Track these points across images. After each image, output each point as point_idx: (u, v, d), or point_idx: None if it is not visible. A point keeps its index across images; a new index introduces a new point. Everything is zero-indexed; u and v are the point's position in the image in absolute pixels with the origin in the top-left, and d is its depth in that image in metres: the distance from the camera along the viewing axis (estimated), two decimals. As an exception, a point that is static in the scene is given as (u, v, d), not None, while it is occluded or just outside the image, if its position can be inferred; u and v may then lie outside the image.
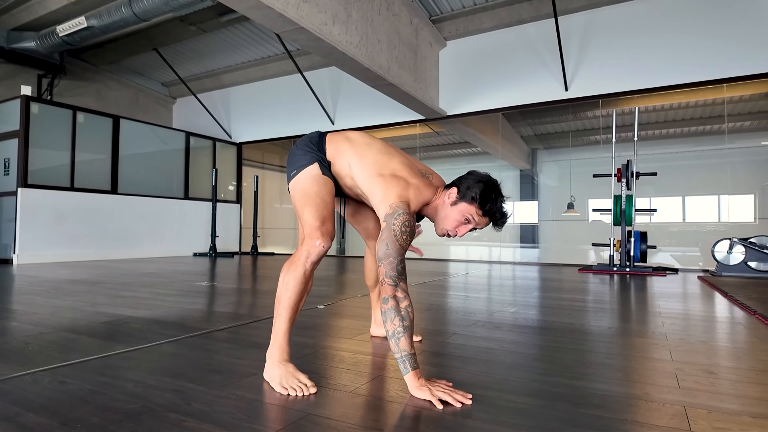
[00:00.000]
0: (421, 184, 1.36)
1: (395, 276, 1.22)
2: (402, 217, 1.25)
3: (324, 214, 1.34)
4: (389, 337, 1.19)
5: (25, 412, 1.05)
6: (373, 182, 1.33)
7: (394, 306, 1.19)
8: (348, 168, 1.38)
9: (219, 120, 8.95)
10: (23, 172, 5.55)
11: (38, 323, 2.05)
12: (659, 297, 3.12)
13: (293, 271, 1.29)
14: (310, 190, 1.35)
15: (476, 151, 9.37)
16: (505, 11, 6.10)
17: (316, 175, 1.37)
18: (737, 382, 1.31)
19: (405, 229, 1.24)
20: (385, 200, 1.29)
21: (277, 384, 1.21)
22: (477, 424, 1.01)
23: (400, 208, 1.26)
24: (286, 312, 1.29)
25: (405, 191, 1.31)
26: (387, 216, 1.26)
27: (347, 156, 1.39)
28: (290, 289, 1.28)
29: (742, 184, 6.73)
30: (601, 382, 1.30)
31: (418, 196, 1.34)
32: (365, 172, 1.35)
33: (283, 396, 1.17)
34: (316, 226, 1.31)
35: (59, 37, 6.23)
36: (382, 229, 1.26)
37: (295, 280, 1.28)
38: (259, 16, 3.76)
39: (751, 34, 5.00)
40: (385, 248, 1.23)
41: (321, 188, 1.36)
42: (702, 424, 1.01)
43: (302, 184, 1.37)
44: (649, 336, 1.90)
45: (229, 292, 3.22)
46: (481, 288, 3.57)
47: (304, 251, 1.30)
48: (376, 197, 1.31)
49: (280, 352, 1.28)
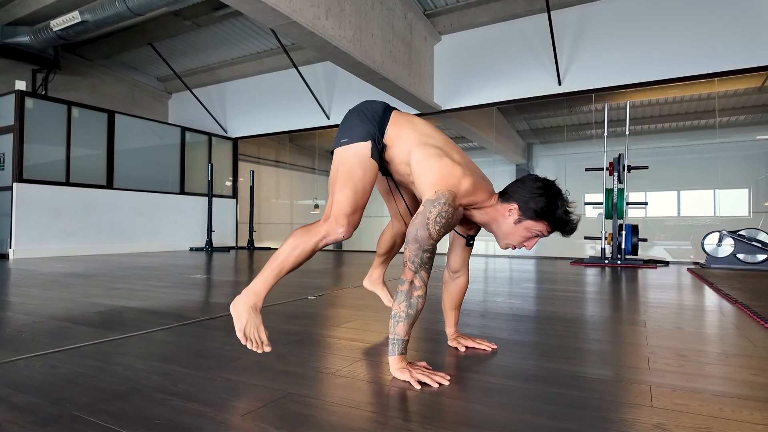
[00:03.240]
0: (477, 183, 1.29)
1: (418, 263, 1.19)
2: (441, 206, 1.19)
3: (359, 202, 1.29)
4: (391, 316, 1.20)
5: (17, 393, 1.09)
6: (430, 163, 1.26)
7: (407, 290, 1.19)
8: (406, 155, 1.31)
9: (214, 115, 8.96)
10: (18, 167, 5.57)
11: (32, 313, 2.09)
12: (646, 288, 3.17)
13: (305, 242, 1.27)
14: (355, 171, 1.28)
15: (472, 145, 9.39)
16: (500, 5, 6.12)
17: (365, 156, 1.29)
18: (705, 364, 1.36)
19: (440, 219, 1.19)
20: (434, 185, 1.22)
21: (240, 329, 1.26)
22: (451, 402, 1.05)
23: (443, 196, 1.21)
24: (279, 270, 1.29)
25: (457, 182, 1.24)
26: (428, 200, 1.21)
27: (408, 143, 1.31)
28: (293, 255, 1.28)
29: (736, 178, 6.77)
30: (576, 364, 1.35)
31: (469, 192, 1.26)
32: (424, 154, 1.28)
33: (244, 343, 1.28)
34: (347, 212, 1.27)
35: (53, 32, 6.23)
36: (418, 212, 1.22)
37: (302, 249, 1.27)
38: (251, 10, 3.78)
39: (742, 29, 5.04)
40: (415, 233, 1.20)
41: (366, 173, 1.29)
42: (664, 401, 1.05)
43: (349, 160, 1.30)
44: (629, 323, 1.95)
45: (224, 284, 3.26)
46: (473, 280, 3.62)
47: (324, 229, 1.27)
48: (427, 179, 1.25)
49: (255, 298, 1.31)
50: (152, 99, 9.26)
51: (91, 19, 5.83)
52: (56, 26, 6.12)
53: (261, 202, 9.30)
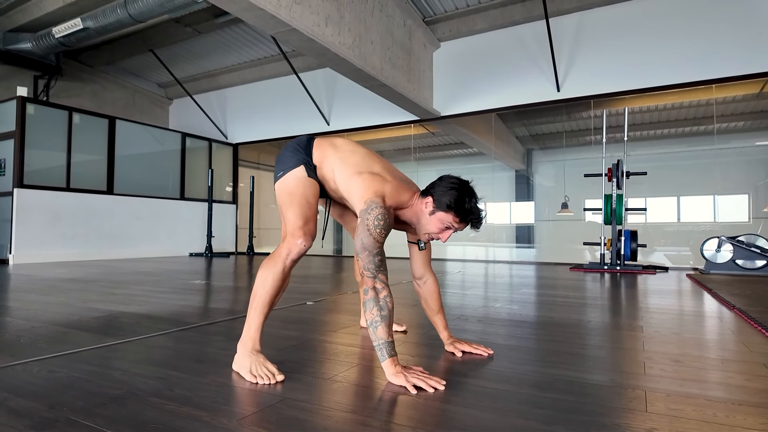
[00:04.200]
0: (398, 185, 1.40)
1: (373, 268, 1.26)
2: (375, 211, 1.29)
3: (307, 214, 1.38)
4: (368, 325, 1.24)
5: (14, 397, 1.09)
6: (352, 181, 1.37)
7: (373, 296, 1.24)
8: (332, 172, 1.42)
9: (215, 121, 8.99)
10: (19, 172, 5.59)
11: (31, 318, 2.09)
12: (645, 294, 3.17)
13: (272, 267, 1.32)
14: (295, 190, 1.39)
15: (471, 151, 9.42)
16: (498, 12, 6.16)
17: (302, 177, 1.41)
18: (701, 369, 1.36)
19: (378, 222, 1.28)
20: (362, 197, 1.33)
21: (247, 372, 1.25)
22: (446, 406, 1.06)
23: (373, 202, 1.30)
24: (261, 306, 1.32)
25: (381, 187, 1.35)
26: (362, 212, 1.31)
27: (331, 161, 1.43)
28: (268, 284, 1.31)
29: (736, 184, 6.79)
30: (571, 370, 1.35)
31: (394, 194, 1.37)
32: (345, 173, 1.39)
33: (253, 383, 1.21)
34: (299, 225, 1.35)
35: (55, 39, 6.27)
36: (358, 224, 1.31)
37: (274, 276, 1.31)
38: (252, 17, 3.81)
39: (740, 35, 5.07)
40: (361, 242, 1.28)
41: (306, 189, 1.40)
42: (658, 406, 1.06)
43: (288, 184, 1.41)
44: (627, 328, 1.96)
45: (223, 289, 3.26)
46: (472, 285, 3.62)
47: (285, 249, 1.33)
48: (355, 196, 1.35)
49: (252, 343, 1.32)
50: (153, 105, 9.30)
51: (93, 25, 5.87)
52: (58, 33, 6.16)
53: (261, 208, 9.32)
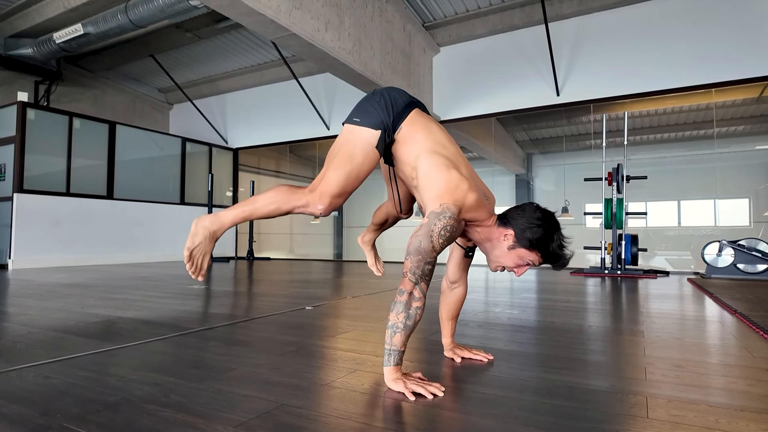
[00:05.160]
0: (480, 200, 1.28)
1: (419, 275, 1.18)
2: (447, 220, 1.18)
3: (348, 188, 1.28)
4: (388, 326, 1.19)
5: (7, 403, 1.08)
6: (437, 174, 1.24)
7: (406, 301, 1.18)
8: (414, 158, 1.30)
9: (215, 126, 9.01)
10: (19, 177, 5.59)
11: (28, 324, 2.08)
12: (646, 298, 3.16)
13: (284, 201, 1.28)
14: (356, 155, 1.27)
15: (471, 156, 9.42)
16: (498, 17, 6.18)
17: (371, 146, 1.27)
18: (703, 374, 1.35)
19: (445, 233, 1.18)
20: (439, 198, 1.21)
21: (189, 248, 1.28)
22: (445, 413, 1.04)
23: (449, 210, 1.19)
24: (250, 213, 1.30)
25: (463, 197, 1.22)
26: (433, 213, 1.19)
27: (419, 147, 1.29)
28: (268, 207, 1.28)
29: (736, 188, 6.78)
30: (572, 375, 1.34)
31: (474, 207, 1.26)
32: (432, 163, 1.26)
33: (186, 263, 1.28)
34: (333, 193, 1.26)
35: (56, 44, 6.29)
36: (422, 224, 1.20)
37: (278, 206, 1.28)
38: (252, 22, 3.82)
39: (738, 40, 5.08)
40: (418, 244, 1.17)
41: (365, 161, 1.28)
42: (659, 412, 1.04)
43: (354, 142, 1.28)
44: (628, 333, 1.94)
45: (222, 294, 3.25)
46: (472, 290, 3.60)
47: (305, 199, 1.27)
48: (432, 191, 1.23)
49: (218, 226, 1.32)
50: (153, 110, 9.32)
51: (94, 31, 5.90)
52: (59, 38, 6.19)
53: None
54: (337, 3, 4.53)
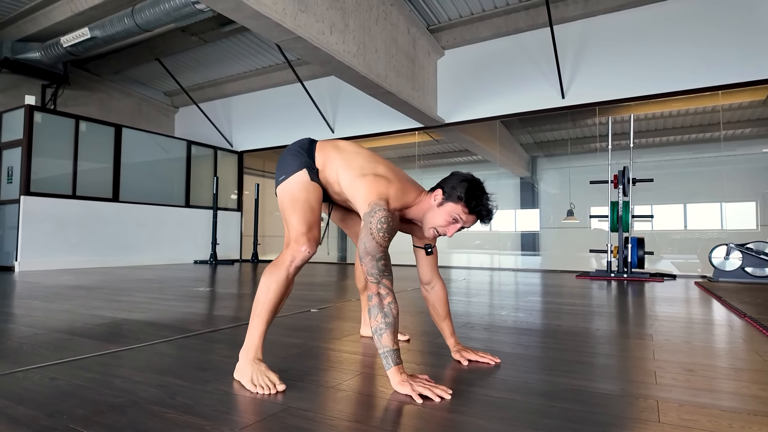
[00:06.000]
0: (403, 186, 1.38)
1: (377, 273, 1.24)
2: (379, 214, 1.26)
3: (311, 220, 1.35)
4: (373, 332, 1.21)
5: (14, 405, 1.08)
6: (356, 183, 1.35)
7: (378, 303, 1.22)
8: (335, 175, 1.40)
9: (220, 129, 9.04)
10: (26, 180, 5.62)
11: (34, 325, 2.08)
12: (653, 301, 3.13)
13: (276, 274, 1.30)
14: (298, 196, 1.36)
15: (476, 159, 9.41)
16: (502, 20, 6.18)
17: (305, 182, 1.38)
18: (713, 378, 1.33)
19: (381, 226, 1.25)
20: (366, 200, 1.30)
21: (248, 381, 1.22)
22: (452, 416, 1.03)
23: (377, 205, 1.28)
24: (265, 314, 1.29)
25: (385, 189, 1.32)
26: (365, 215, 1.28)
27: (335, 163, 1.40)
28: (271, 292, 1.29)
29: (743, 191, 6.73)
30: (580, 379, 1.32)
31: (399, 195, 1.35)
32: (349, 175, 1.37)
33: (253, 393, 1.18)
34: (303, 231, 1.33)
35: (63, 48, 6.33)
36: (361, 228, 1.29)
37: (277, 283, 1.29)
38: (257, 25, 3.83)
39: (745, 42, 5.05)
40: (364, 246, 1.25)
41: (309, 195, 1.37)
42: (671, 416, 1.03)
43: (290, 189, 1.38)
44: (636, 337, 1.92)
45: (227, 297, 3.25)
46: (477, 293, 3.59)
47: (289, 255, 1.31)
48: (359, 198, 1.33)
49: (254, 351, 1.29)
50: (159, 113, 9.37)
51: (101, 35, 5.93)
52: (66, 42, 6.23)
53: (265, 215, 9.33)
54: (342, 6, 4.54)
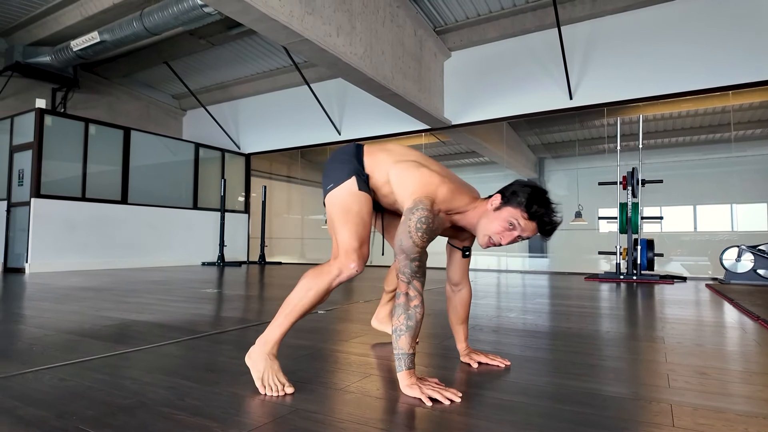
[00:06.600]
0: (455, 188, 1.30)
1: (409, 273, 1.19)
2: (420, 212, 1.20)
3: (363, 235, 1.29)
4: (393, 332, 1.19)
5: (23, 405, 1.08)
6: (407, 174, 1.29)
7: (404, 303, 1.18)
8: (386, 175, 1.34)
9: (228, 131, 9.09)
10: (36, 182, 5.68)
11: (44, 326, 2.10)
12: (663, 304, 3.09)
13: (319, 282, 1.25)
14: (350, 207, 1.30)
15: (483, 160, 9.37)
16: (509, 21, 6.16)
17: (355, 192, 1.31)
18: (728, 382, 1.31)
19: (420, 225, 1.19)
20: (412, 195, 1.24)
21: (258, 378, 1.22)
22: (461, 419, 1.02)
23: (421, 203, 1.22)
24: (294, 315, 1.26)
25: (434, 189, 1.26)
26: (407, 210, 1.22)
27: (385, 165, 1.34)
28: (308, 297, 1.25)
29: (754, 192, 6.64)
30: (591, 382, 1.31)
31: (448, 197, 1.28)
32: (401, 168, 1.31)
33: (261, 393, 1.18)
34: (355, 247, 1.26)
35: (73, 52, 6.40)
36: (401, 222, 1.22)
37: (317, 290, 1.25)
38: (264, 28, 3.85)
39: (755, 42, 4.99)
40: (400, 243, 1.20)
41: (361, 206, 1.31)
42: (686, 420, 1.01)
43: (341, 200, 1.31)
44: (646, 339, 1.90)
45: (235, 298, 3.26)
46: (485, 295, 3.57)
47: (336, 268, 1.26)
48: (407, 189, 1.27)
49: (272, 345, 1.28)
50: (167, 116, 9.44)
51: (110, 38, 5.99)
52: (76, 46, 6.30)
53: (272, 217, 9.36)
54: (348, 8, 4.55)
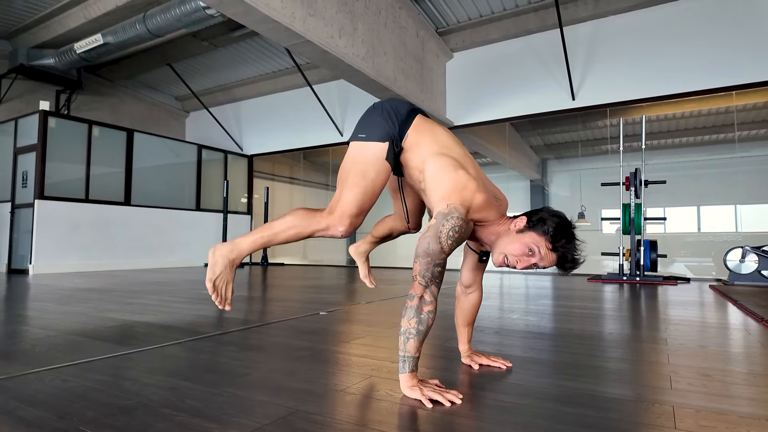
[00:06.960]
0: (488, 200, 1.27)
1: (429, 278, 1.16)
2: (454, 221, 1.16)
3: (365, 206, 1.27)
4: (400, 332, 1.16)
5: (24, 406, 1.09)
6: (444, 177, 1.23)
7: (417, 306, 1.15)
8: (421, 162, 1.28)
9: (230, 133, 9.11)
10: (40, 184, 5.71)
11: (47, 327, 2.10)
12: (667, 305, 3.08)
13: (304, 225, 1.27)
14: (367, 172, 1.26)
15: (485, 161, 9.36)
16: (512, 22, 6.15)
17: (381, 159, 1.26)
18: (731, 384, 1.30)
19: (453, 234, 1.16)
20: (447, 198, 1.19)
21: (211, 279, 1.25)
22: (463, 421, 1.02)
23: (456, 210, 1.17)
24: (269, 239, 1.29)
25: (470, 196, 1.21)
26: (440, 213, 1.18)
27: (425, 151, 1.29)
28: (287, 233, 1.27)
29: (758, 193, 6.60)
30: (593, 383, 1.30)
31: (482, 207, 1.24)
32: (439, 164, 1.25)
33: (210, 293, 1.28)
34: (352, 214, 1.25)
35: (77, 54, 6.44)
36: (430, 225, 1.18)
37: (298, 232, 1.27)
38: (267, 30, 3.86)
39: (759, 41, 4.97)
40: (427, 246, 1.15)
41: (378, 176, 1.27)
42: (688, 422, 1.00)
43: (363, 158, 1.27)
44: (649, 341, 1.89)
45: (237, 299, 3.26)
46: (487, 296, 3.56)
47: (324, 222, 1.26)
48: (440, 192, 1.22)
49: (237, 254, 1.29)
50: (170, 118, 9.47)
51: (113, 41, 6.02)
52: (80, 48, 6.33)
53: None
54: (350, 10, 4.55)
